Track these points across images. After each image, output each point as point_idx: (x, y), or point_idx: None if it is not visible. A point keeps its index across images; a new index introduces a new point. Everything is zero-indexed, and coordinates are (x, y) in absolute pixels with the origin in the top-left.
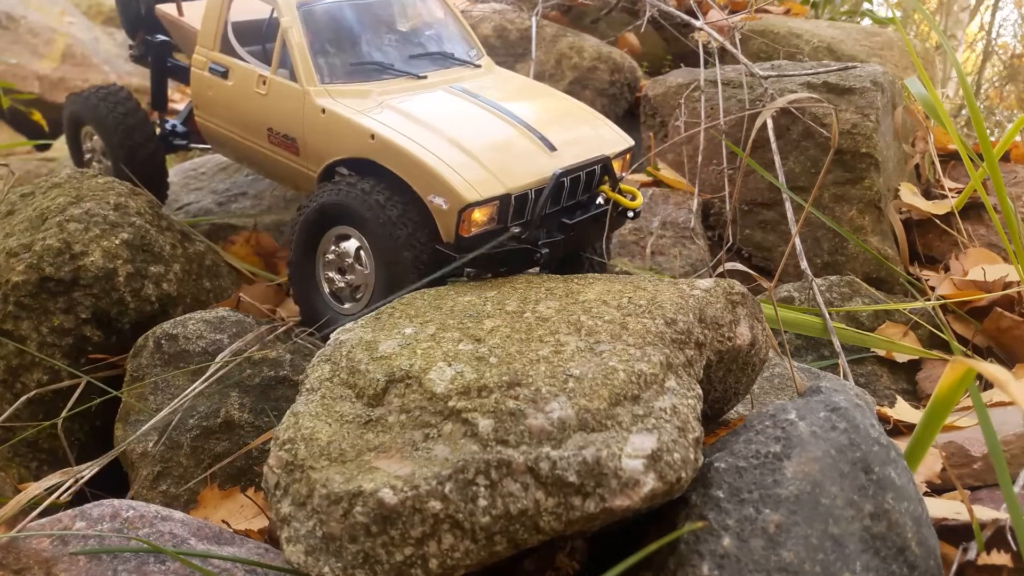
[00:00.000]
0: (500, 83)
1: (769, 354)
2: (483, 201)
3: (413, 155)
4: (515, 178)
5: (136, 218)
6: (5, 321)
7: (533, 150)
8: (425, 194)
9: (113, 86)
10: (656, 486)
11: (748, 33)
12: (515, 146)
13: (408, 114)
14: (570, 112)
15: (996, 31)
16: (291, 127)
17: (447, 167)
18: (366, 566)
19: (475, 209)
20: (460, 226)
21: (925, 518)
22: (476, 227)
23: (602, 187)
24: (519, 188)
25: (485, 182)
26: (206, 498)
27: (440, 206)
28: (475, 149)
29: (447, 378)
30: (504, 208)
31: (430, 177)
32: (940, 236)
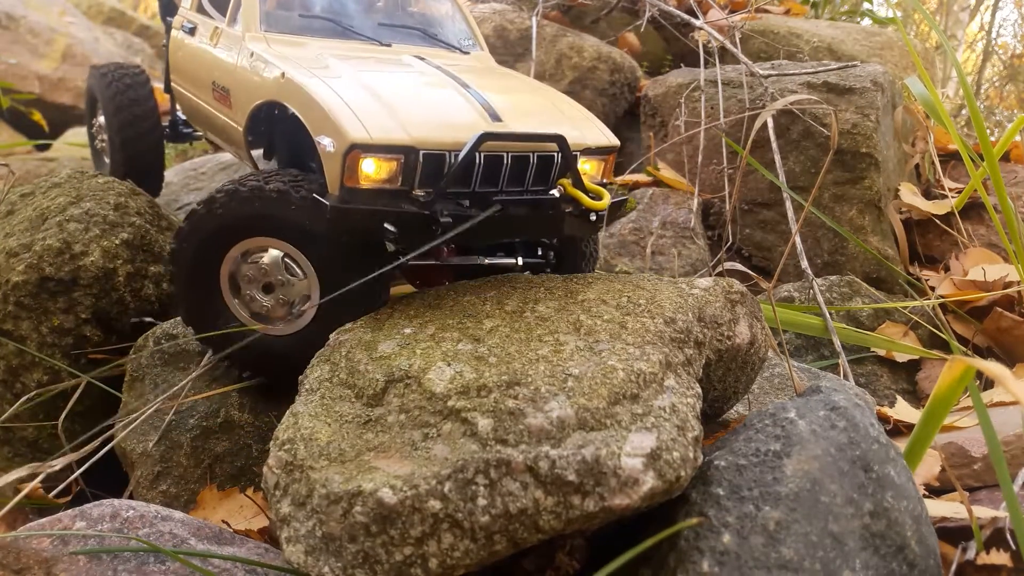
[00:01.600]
0: (478, 67)
1: (769, 354)
2: (377, 147)
3: (309, 91)
4: (430, 132)
5: (136, 218)
6: (5, 321)
7: (470, 114)
8: (315, 134)
9: (134, 65)
10: (655, 485)
11: (748, 33)
12: (448, 106)
13: (337, 66)
14: (548, 101)
15: (996, 31)
16: (226, 77)
17: (342, 104)
18: (366, 566)
19: (367, 156)
20: (345, 175)
21: (924, 517)
22: (368, 181)
23: (562, 180)
24: (431, 144)
25: (386, 127)
26: (206, 498)
27: (326, 148)
28: (394, 99)
29: (446, 378)
30: (410, 167)
31: (320, 113)
32: (940, 236)
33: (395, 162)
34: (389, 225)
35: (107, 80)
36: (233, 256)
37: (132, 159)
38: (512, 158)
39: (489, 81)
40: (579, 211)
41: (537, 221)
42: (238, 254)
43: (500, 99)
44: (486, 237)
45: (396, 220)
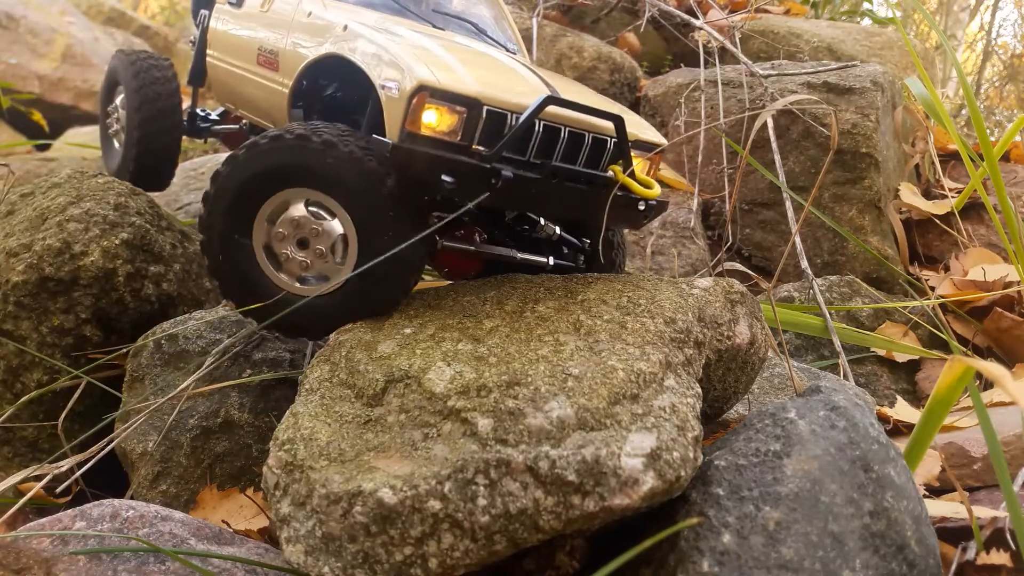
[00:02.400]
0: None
1: (769, 354)
2: (443, 93)
3: (374, 40)
4: (494, 91)
5: (136, 218)
6: (5, 321)
7: (531, 83)
8: (379, 79)
9: (162, 56)
10: (655, 485)
11: (748, 33)
12: (509, 74)
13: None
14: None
15: (996, 31)
16: (276, 42)
17: (409, 52)
18: (366, 566)
19: (432, 104)
20: (408, 119)
21: (924, 517)
22: (428, 131)
23: (613, 166)
24: (496, 101)
25: (452, 75)
26: (205, 498)
27: (390, 91)
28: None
29: (446, 378)
30: (472, 122)
31: (385, 59)
32: (940, 236)
33: (457, 115)
34: (447, 176)
35: (134, 65)
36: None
37: (148, 147)
38: (568, 134)
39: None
40: (628, 199)
41: (590, 199)
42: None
43: (556, 82)
44: (537, 206)
45: (455, 170)
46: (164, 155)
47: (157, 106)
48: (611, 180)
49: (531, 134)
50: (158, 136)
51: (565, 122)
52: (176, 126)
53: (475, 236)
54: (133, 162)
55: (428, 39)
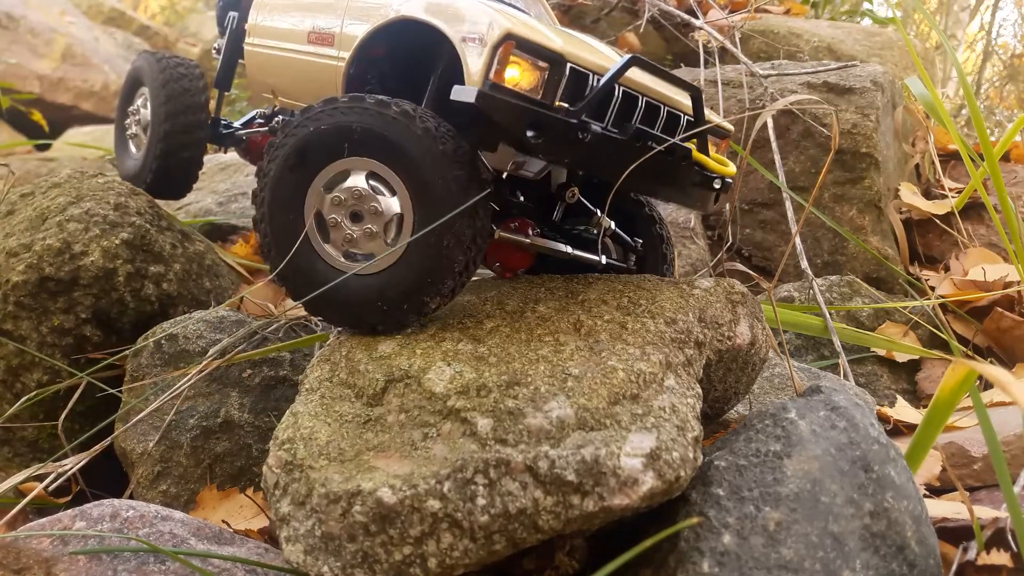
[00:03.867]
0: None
1: (769, 354)
2: (528, 44)
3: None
4: (578, 51)
5: (136, 218)
6: (5, 321)
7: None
8: (458, 34)
9: (191, 61)
10: (655, 485)
11: (748, 33)
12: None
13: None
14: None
15: (996, 31)
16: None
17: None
18: (365, 565)
19: (516, 57)
20: (492, 69)
21: (925, 517)
22: (513, 84)
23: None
24: (579, 60)
25: (537, 31)
26: (205, 498)
27: (473, 44)
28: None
29: (446, 377)
30: (554, 80)
31: (467, 14)
32: (940, 236)
33: (540, 72)
34: (531, 130)
35: (163, 70)
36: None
37: (173, 156)
38: (645, 104)
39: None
40: (703, 177)
41: (670, 171)
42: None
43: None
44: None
45: (542, 123)
46: (188, 164)
47: (186, 115)
48: (689, 152)
49: (611, 98)
50: (185, 145)
51: (643, 91)
52: (203, 135)
53: (529, 229)
54: (153, 169)
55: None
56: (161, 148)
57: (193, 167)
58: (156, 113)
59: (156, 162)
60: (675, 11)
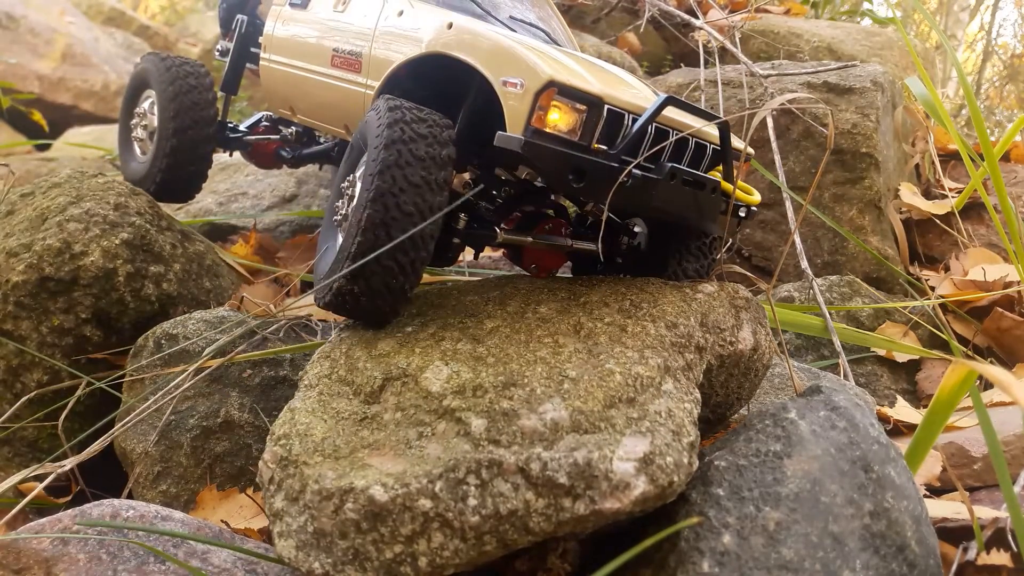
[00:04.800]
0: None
1: (773, 359)
2: (569, 90)
3: (489, 37)
4: (613, 90)
5: (136, 218)
6: (5, 321)
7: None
8: (498, 77)
9: (198, 63)
10: (647, 489)
11: (748, 33)
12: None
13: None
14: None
15: (996, 31)
16: (359, 42)
17: (528, 48)
18: (356, 562)
19: (556, 101)
20: (534, 115)
21: (925, 517)
22: (553, 128)
23: (713, 172)
24: (616, 101)
25: (576, 74)
26: (205, 498)
27: (514, 89)
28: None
29: (443, 377)
30: (592, 121)
31: (506, 56)
32: (940, 236)
33: (578, 114)
34: (573, 175)
35: (170, 71)
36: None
37: (181, 158)
38: (674, 135)
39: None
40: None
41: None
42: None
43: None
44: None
45: (585, 168)
46: (197, 167)
47: (195, 119)
48: (720, 184)
49: (644, 137)
50: (194, 150)
51: (673, 125)
52: (211, 137)
53: (563, 229)
54: (162, 172)
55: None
56: (170, 152)
57: (201, 170)
58: (164, 117)
59: (164, 165)
60: (675, 11)
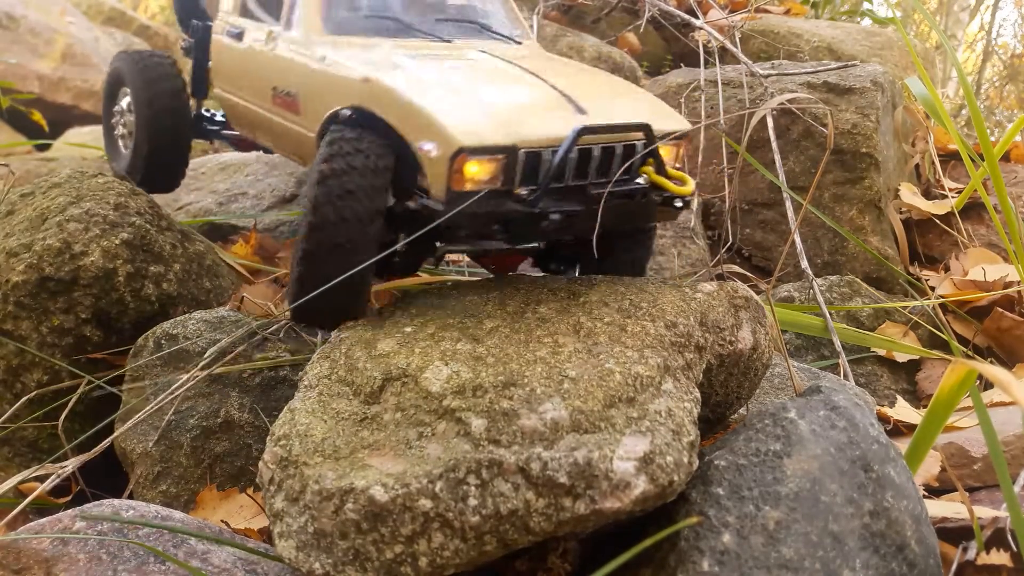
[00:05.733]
0: (539, 57)
1: (773, 358)
2: (482, 149)
3: (402, 95)
4: (528, 131)
5: (136, 218)
6: (5, 321)
7: (558, 109)
8: (415, 140)
9: (164, 54)
10: (647, 489)
11: (748, 33)
12: (536, 102)
13: (414, 65)
14: (617, 85)
15: (996, 31)
16: (292, 81)
17: (440, 107)
18: (356, 563)
19: (472, 159)
20: (452, 177)
21: (924, 517)
22: (473, 183)
23: (644, 168)
24: (531, 143)
25: (487, 129)
26: (205, 498)
27: (429, 152)
28: (484, 97)
29: (443, 377)
30: (511, 166)
31: (419, 120)
32: (940, 236)
33: (497, 162)
34: (497, 225)
35: (138, 64)
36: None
37: (159, 146)
38: (600, 150)
39: (556, 69)
40: (663, 198)
41: (630, 210)
42: None
43: (576, 88)
44: (582, 232)
45: (506, 219)
46: (176, 154)
47: (165, 103)
48: (646, 190)
49: (566, 162)
50: (168, 133)
51: (598, 141)
52: (185, 123)
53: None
54: (144, 161)
55: (449, 72)
56: (148, 145)
57: (181, 159)
58: (139, 109)
59: (145, 154)
60: (675, 11)
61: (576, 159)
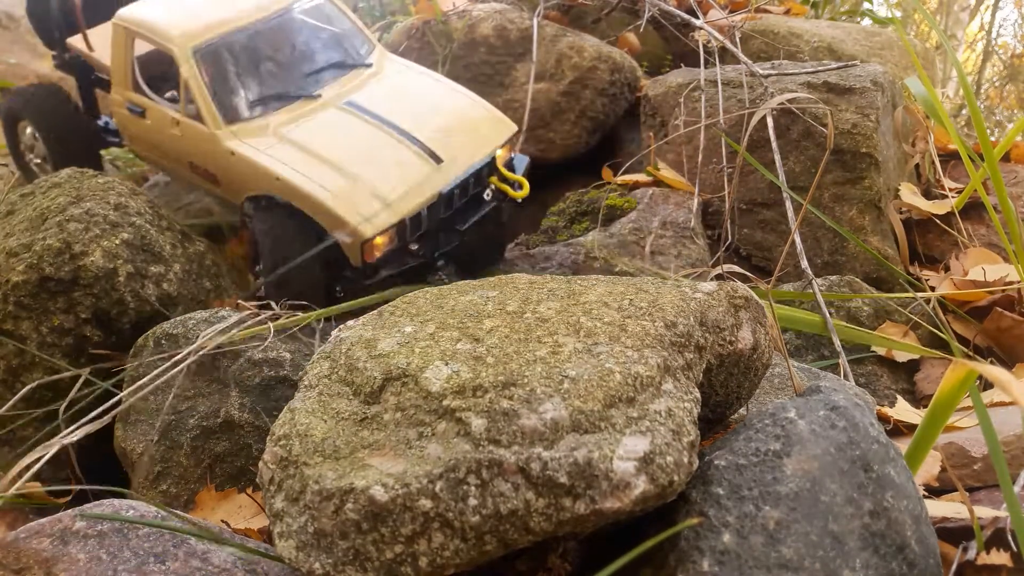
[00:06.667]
0: (386, 89)
1: (773, 358)
2: (381, 233)
3: (314, 198)
4: (407, 202)
5: (136, 218)
6: (5, 321)
7: (422, 168)
8: (331, 229)
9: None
10: (647, 489)
11: (748, 32)
12: (405, 166)
13: (303, 147)
14: (455, 111)
15: (996, 31)
16: (208, 164)
17: (347, 208)
18: (356, 563)
19: (375, 238)
20: (364, 254)
21: (924, 517)
22: (379, 251)
23: (491, 179)
24: (412, 211)
25: (382, 216)
26: (204, 499)
27: (345, 240)
28: (369, 179)
29: (443, 377)
30: (402, 230)
31: (329, 218)
32: (940, 236)
33: (392, 232)
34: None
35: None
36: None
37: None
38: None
39: (403, 107)
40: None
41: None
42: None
43: (427, 132)
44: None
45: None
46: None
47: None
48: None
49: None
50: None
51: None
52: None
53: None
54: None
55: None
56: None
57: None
58: (47, 141)
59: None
60: (675, 11)
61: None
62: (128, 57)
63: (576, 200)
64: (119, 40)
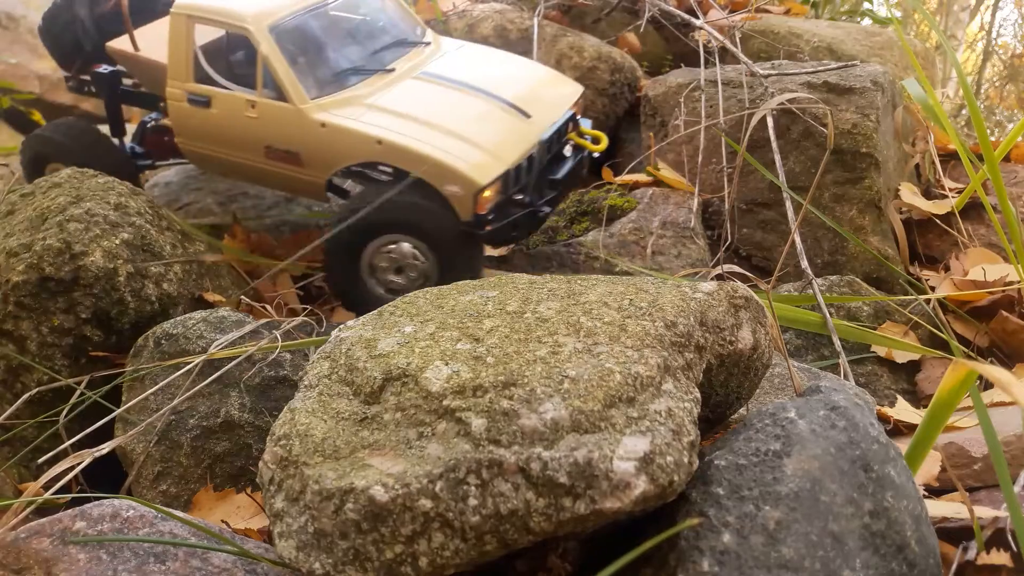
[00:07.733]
0: (456, 59)
1: (773, 359)
2: (491, 182)
3: (423, 153)
4: (510, 153)
5: (136, 218)
6: (5, 321)
7: (515, 123)
8: (440, 185)
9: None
10: (647, 489)
11: (748, 33)
12: (500, 123)
13: (397, 112)
14: (527, 74)
15: (996, 31)
16: (292, 143)
17: (456, 158)
18: (356, 563)
19: (486, 189)
20: (476, 206)
21: (924, 517)
22: (488, 203)
23: (570, 134)
24: (516, 162)
25: (489, 165)
26: (203, 499)
27: (456, 192)
28: (470, 135)
29: (443, 377)
30: (506, 182)
31: (443, 170)
32: (940, 236)
33: (499, 184)
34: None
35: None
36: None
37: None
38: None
39: (478, 72)
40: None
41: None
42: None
43: (509, 91)
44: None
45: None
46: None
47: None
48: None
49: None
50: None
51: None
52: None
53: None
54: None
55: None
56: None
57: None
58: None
59: None
60: (675, 11)
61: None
62: (189, 47)
63: (576, 200)
64: (179, 30)
